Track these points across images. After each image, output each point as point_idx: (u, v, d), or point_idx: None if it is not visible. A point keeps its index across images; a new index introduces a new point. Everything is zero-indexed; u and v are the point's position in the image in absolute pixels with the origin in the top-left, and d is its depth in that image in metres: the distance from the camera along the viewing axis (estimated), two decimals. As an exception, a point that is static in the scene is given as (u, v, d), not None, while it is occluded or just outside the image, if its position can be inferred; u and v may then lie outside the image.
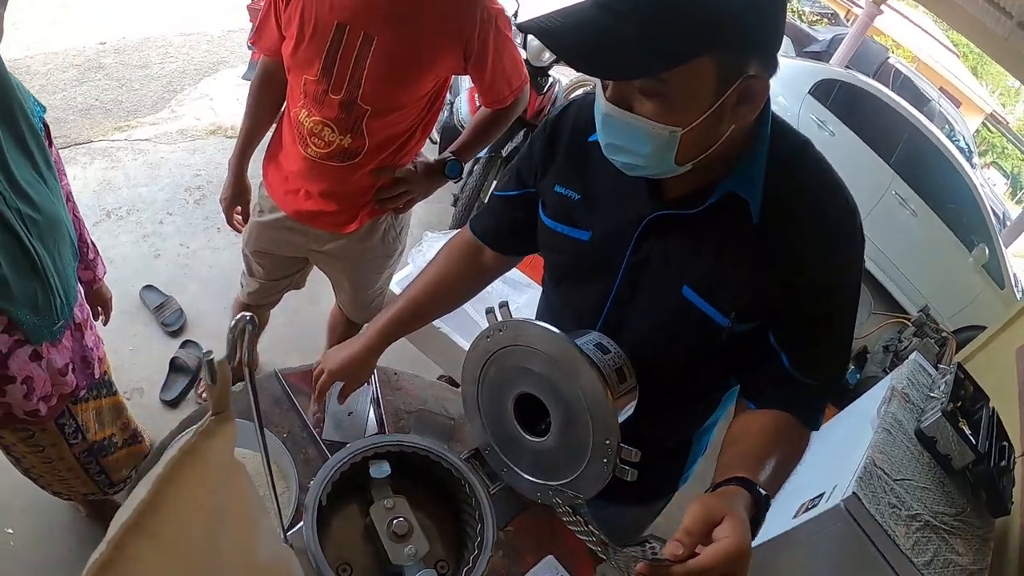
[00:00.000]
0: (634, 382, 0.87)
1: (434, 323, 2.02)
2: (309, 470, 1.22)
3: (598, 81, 0.85)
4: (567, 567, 1.24)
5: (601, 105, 0.83)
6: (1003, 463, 2.19)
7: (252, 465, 0.89)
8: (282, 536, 0.80)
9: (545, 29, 0.76)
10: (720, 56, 0.76)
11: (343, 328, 2.21)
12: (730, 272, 0.93)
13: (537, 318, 1.27)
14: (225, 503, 0.53)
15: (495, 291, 2.25)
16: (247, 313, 0.54)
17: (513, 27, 1.64)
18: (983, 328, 4.03)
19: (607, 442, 0.79)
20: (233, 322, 0.55)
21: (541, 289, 1.33)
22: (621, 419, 0.84)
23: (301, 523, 0.88)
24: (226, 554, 0.54)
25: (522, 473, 0.94)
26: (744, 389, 1.07)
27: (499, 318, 0.88)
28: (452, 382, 2.23)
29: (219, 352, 0.61)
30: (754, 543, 0.80)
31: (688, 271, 0.95)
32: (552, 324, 0.96)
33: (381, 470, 0.92)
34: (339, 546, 0.92)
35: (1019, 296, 4.61)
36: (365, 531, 0.95)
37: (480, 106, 1.84)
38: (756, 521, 0.80)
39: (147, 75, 4.08)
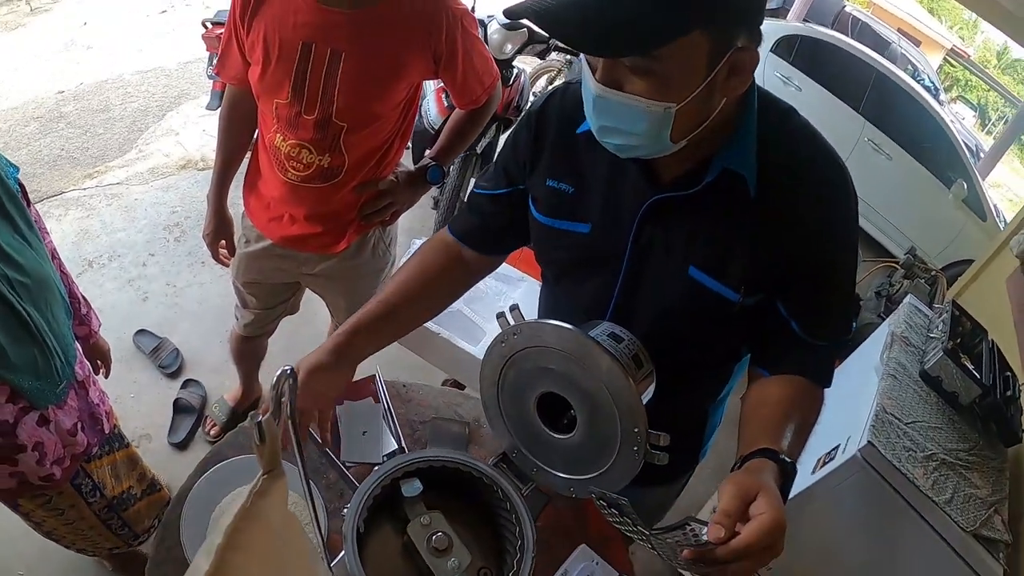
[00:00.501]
0: (651, 367, 0.87)
1: (431, 327, 2.02)
2: (333, 494, 1.22)
3: (584, 66, 0.85)
4: (600, 554, 1.25)
5: (591, 88, 0.83)
6: (1009, 393, 2.23)
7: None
8: (328, 570, 0.80)
9: (537, 10, 0.76)
10: (711, 29, 0.76)
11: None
12: (734, 247, 0.93)
13: (541, 317, 1.26)
14: (286, 558, 0.53)
15: (488, 288, 2.25)
16: (287, 367, 0.53)
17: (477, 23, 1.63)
18: (970, 262, 4.08)
19: (635, 430, 0.79)
20: (275, 379, 0.55)
21: (540, 285, 1.32)
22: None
23: (342, 552, 0.87)
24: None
25: (553, 471, 0.95)
26: (756, 358, 1.08)
27: (511, 322, 0.88)
28: (457, 385, 2.24)
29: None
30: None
31: (692, 251, 0.96)
32: (560, 317, 0.97)
33: (413, 488, 0.92)
34: (381, 570, 0.92)
35: (1002, 226, 4.66)
36: (404, 550, 0.95)
37: (450, 107, 1.84)
38: (784, 489, 0.82)
39: (109, 118, 4.03)
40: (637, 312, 1.04)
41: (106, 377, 1.69)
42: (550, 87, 4.01)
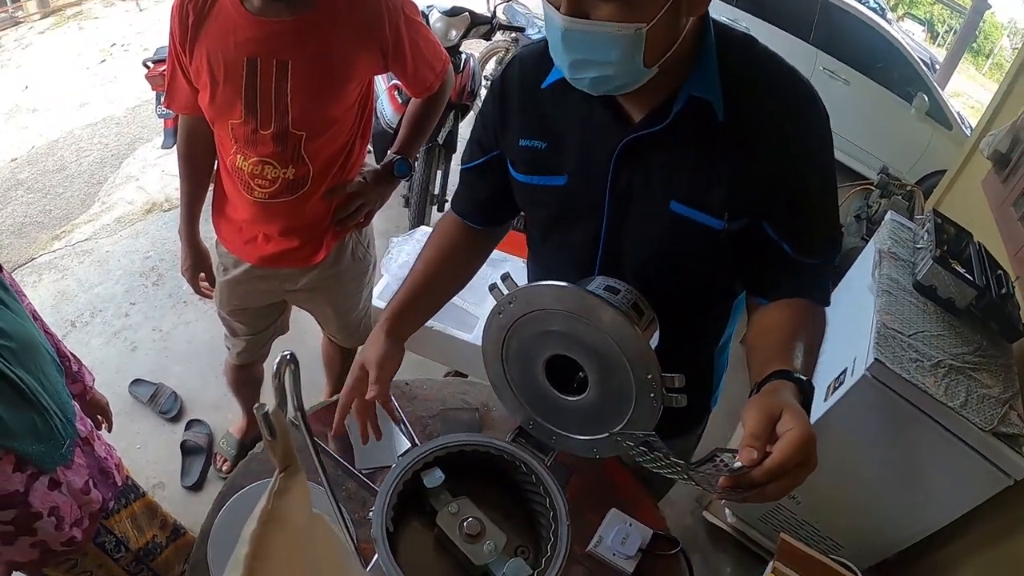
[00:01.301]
0: (652, 313, 0.86)
1: (432, 325, 2.01)
2: (355, 504, 1.21)
3: (545, 7, 0.84)
4: (631, 514, 1.25)
5: (558, 23, 0.82)
6: (1003, 291, 2.24)
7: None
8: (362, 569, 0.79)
9: None
10: None
11: (339, 359, 2.19)
12: (711, 175, 0.93)
13: (534, 276, 1.26)
14: (317, 558, 0.51)
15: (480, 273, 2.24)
16: (286, 353, 0.51)
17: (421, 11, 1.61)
18: (943, 172, 4.11)
19: (649, 376, 0.78)
20: (275, 368, 0.52)
21: (525, 263, 1.33)
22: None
23: (375, 557, 0.86)
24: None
25: (573, 435, 0.94)
26: (752, 288, 1.08)
27: (504, 291, 0.86)
28: (460, 375, 2.23)
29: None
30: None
31: (671, 187, 0.95)
32: (549, 276, 0.95)
33: (435, 478, 0.90)
34: (418, 567, 0.90)
35: (968, 132, 4.70)
36: (437, 543, 0.93)
37: (404, 103, 1.82)
38: (806, 405, 0.82)
39: (67, 176, 3.96)
40: (625, 257, 1.04)
41: (109, 431, 1.66)
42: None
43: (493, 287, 0.88)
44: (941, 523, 2.08)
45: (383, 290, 2.20)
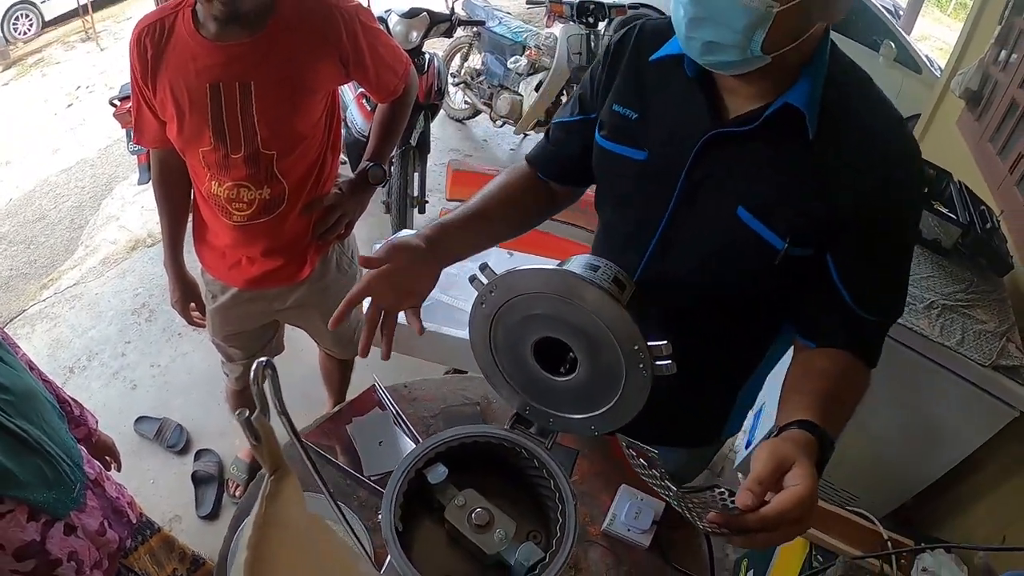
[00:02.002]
0: (632, 285, 0.86)
1: (425, 326, 2.00)
2: (369, 511, 1.21)
3: None
4: (642, 489, 1.25)
5: None
6: (988, 225, 2.25)
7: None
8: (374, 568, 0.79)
9: None
10: None
11: (338, 371, 2.20)
12: (786, 192, 0.91)
13: (594, 249, 1.25)
14: (319, 559, 0.52)
15: (462, 270, 2.23)
16: (261, 359, 0.51)
17: (376, 16, 1.61)
18: (918, 116, 4.12)
19: (635, 348, 0.78)
20: (252, 375, 0.52)
21: (507, 254, 1.32)
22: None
23: (388, 558, 0.86)
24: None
25: (569, 416, 0.94)
26: (802, 328, 1.05)
27: (484, 281, 0.86)
28: (459, 372, 2.23)
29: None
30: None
31: (744, 191, 0.94)
32: (604, 251, 0.96)
33: (438, 473, 0.90)
34: (432, 563, 0.90)
35: (938, 74, 4.70)
36: (449, 538, 0.94)
37: (373, 111, 1.82)
38: (820, 465, 0.79)
39: (48, 224, 3.96)
40: (679, 248, 1.03)
41: (119, 471, 1.66)
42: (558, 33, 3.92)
43: (473, 278, 0.88)
44: (953, 462, 2.09)
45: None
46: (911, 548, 1.61)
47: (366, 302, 1.02)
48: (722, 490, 0.74)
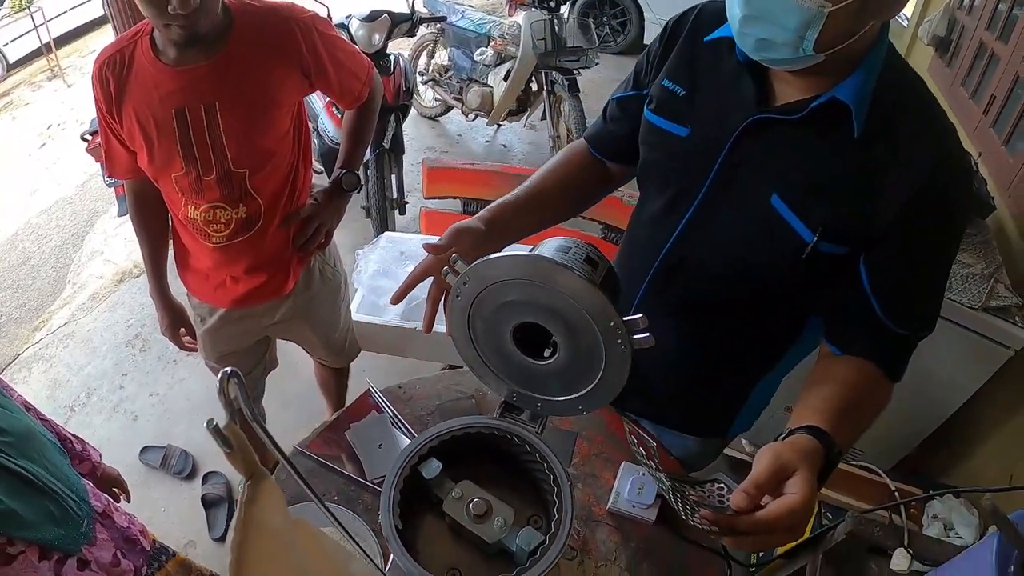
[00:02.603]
0: (606, 264, 0.86)
1: (406, 325, 2.02)
2: (374, 515, 1.21)
3: None
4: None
5: None
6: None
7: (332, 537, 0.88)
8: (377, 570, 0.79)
9: None
10: None
11: (334, 380, 2.20)
12: (825, 186, 0.91)
13: (629, 224, 1.27)
14: (305, 559, 0.52)
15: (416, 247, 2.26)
16: (226, 369, 0.51)
17: (334, 23, 1.61)
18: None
19: (611, 324, 0.79)
20: (218, 384, 0.52)
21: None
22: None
23: (392, 557, 0.87)
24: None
25: (556, 398, 0.94)
26: (829, 333, 1.04)
27: (457, 274, 0.86)
28: (454, 367, 2.23)
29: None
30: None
31: (780, 179, 0.93)
32: (637, 226, 0.99)
33: (432, 468, 0.91)
34: (437, 558, 0.91)
35: (905, 23, 4.69)
36: (450, 531, 0.94)
37: (343, 116, 1.82)
38: (824, 473, 0.79)
39: (33, 267, 3.95)
40: (708, 231, 1.03)
41: (128, 501, 1.67)
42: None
43: (446, 272, 0.88)
44: (953, 408, 2.11)
45: (360, 303, 2.20)
46: (919, 497, 1.62)
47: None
48: (721, 484, 0.74)
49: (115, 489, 1.63)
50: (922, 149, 0.87)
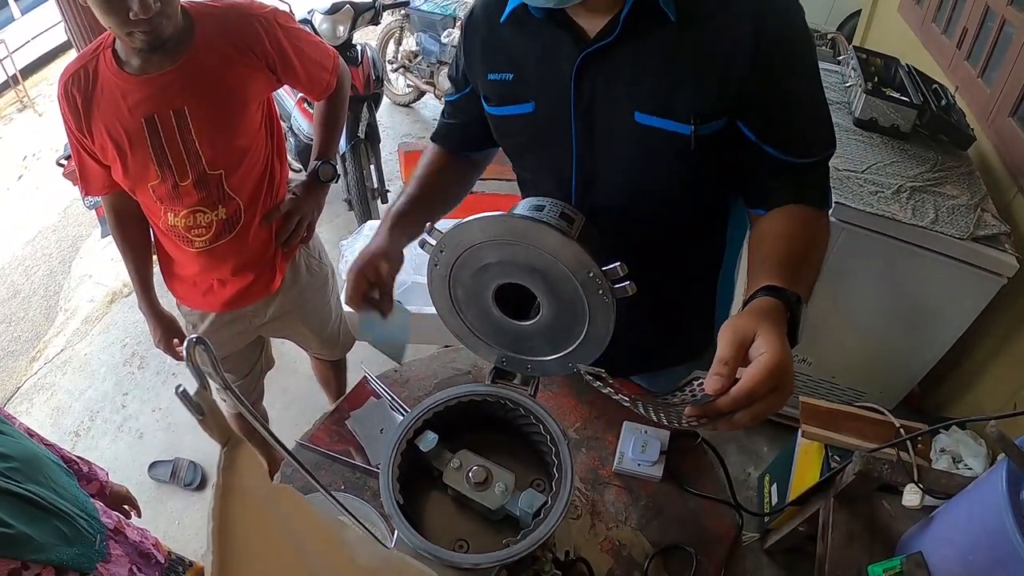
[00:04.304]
0: (582, 218, 0.86)
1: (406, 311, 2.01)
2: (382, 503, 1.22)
3: None
4: (643, 422, 1.26)
5: None
6: (943, 102, 2.25)
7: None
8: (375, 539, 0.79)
9: None
10: None
11: (332, 373, 2.20)
12: (673, 80, 0.91)
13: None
14: (291, 525, 0.52)
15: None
16: (192, 336, 0.51)
17: (297, 18, 1.61)
18: (859, 12, 4.10)
19: (591, 275, 0.78)
20: (185, 352, 0.51)
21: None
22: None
23: (396, 532, 0.86)
24: (325, 568, 0.53)
25: (546, 358, 0.94)
26: (748, 201, 1.05)
27: (433, 242, 0.86)
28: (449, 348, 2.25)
29: None
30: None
31: (634, 97, 0.93)
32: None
33: (429, 441, 0.90)
34: (444, 532, 0.91)
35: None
36: (454, 503, 0.94)
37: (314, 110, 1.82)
38: (794, 324, 0.78)
39: (24, 299, 3.93)
40: (600, 174, 1.03)
41: (139, 516, 1.67)
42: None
43: (423, 243, 0.87)
44: (951, 340, 2.11)
45: (350, 295, 2.20)
46: (925, 430, 1.62)
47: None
48: (700, 381, 0.73)
49: (125, 506, 1.63)
50: (738, 5, 0.88)
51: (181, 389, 0.49)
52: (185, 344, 0.49)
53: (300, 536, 0.53)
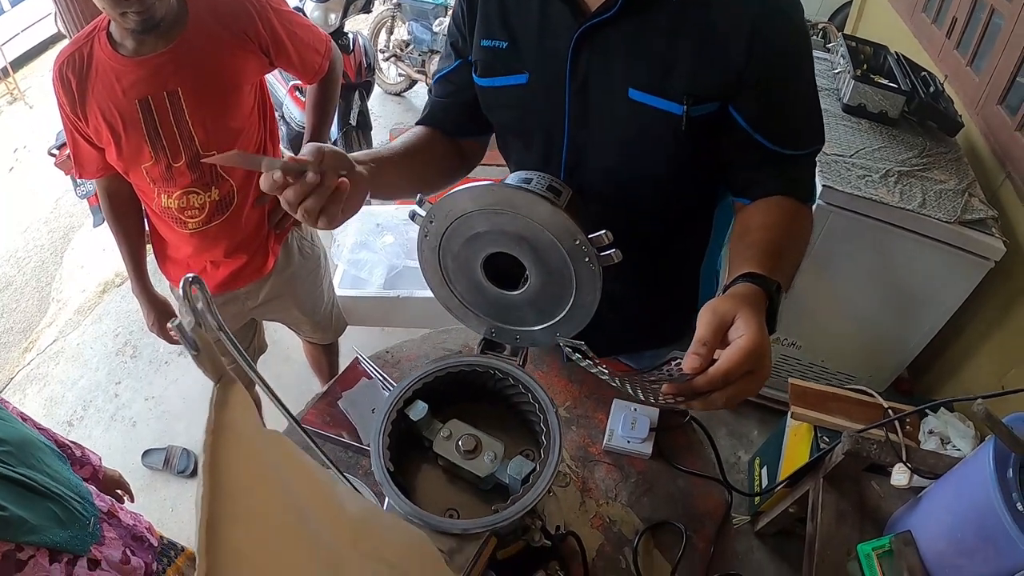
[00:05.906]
0: (569, 191, 0.86)
1: (388, 294, 2.03)
2: (375, 480, 1.23)
3: None
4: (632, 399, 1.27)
5: None
6: (932, 89, 2.27)
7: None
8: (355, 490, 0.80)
9: None
10: None
11: (325, 357, 2.21)
12: (669, 59, 0.91)
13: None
14: (282, 470, 0.52)
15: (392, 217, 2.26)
16: (188, 275, 0.51)
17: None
18: (850, 2, 4.11)
19: (577, 242, 0.79)
20: (181, 289, 0.51)
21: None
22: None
23: (387, 499, 0.87)
24: (315, 514, 0.53)
25: (533, 328, 0.95)
26: (734, 189, 1.05)
27: (423, 213, 0.86)
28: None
29: None
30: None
31: (629, 74, 0.93)
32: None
33: (419, 410, 0.91)
34: (436, 502, 0.92)
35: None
36: (446, 473, 0.95)
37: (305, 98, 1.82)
38: (773, 312, 0.79)
39: (16, 290, 3.94)
40: (590, 151, 1.03)
41: (132, 501, 1.67)
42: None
43: (413, 215, 0.88)
44: (939, 324, 2.13)
45: (342, 278, 2.21)
46: (913, 410, 1.64)
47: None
48: (679, 360, 0.74)
49: (118, 491, 1.64)
50: None
51: (177, 323, 0.50)
52: (181, 283, 0.50)
53: (290, 481, 0.54)
